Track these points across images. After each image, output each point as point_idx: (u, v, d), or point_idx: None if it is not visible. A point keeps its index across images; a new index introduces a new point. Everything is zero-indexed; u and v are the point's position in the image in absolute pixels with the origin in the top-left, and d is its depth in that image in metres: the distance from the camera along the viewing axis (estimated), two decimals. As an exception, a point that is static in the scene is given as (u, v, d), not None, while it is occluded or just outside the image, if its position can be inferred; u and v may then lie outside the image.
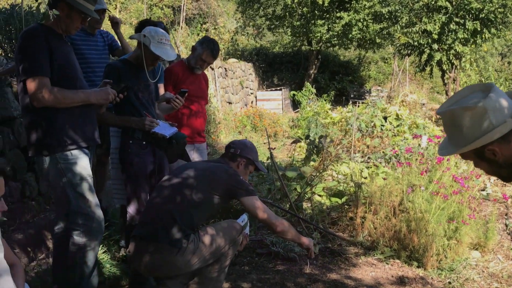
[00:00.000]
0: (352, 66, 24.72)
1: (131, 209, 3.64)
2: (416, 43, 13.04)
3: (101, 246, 4.12)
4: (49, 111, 2.96)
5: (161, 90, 4.24)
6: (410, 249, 4.46)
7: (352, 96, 21.65)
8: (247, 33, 22.18)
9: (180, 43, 14.86)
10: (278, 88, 19.09)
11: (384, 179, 4.97)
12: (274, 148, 8.36)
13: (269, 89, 19.76)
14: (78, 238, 3.08)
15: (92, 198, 3.09)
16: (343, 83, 22.70)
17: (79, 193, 3.04)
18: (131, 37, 3.74)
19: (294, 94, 17.57)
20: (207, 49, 4.33)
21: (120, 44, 4.79)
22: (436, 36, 12.67)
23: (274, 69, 24.01)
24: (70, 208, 3.04)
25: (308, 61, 21.57)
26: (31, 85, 2.88)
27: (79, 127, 3.04)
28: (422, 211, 4.41)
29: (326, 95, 17.90)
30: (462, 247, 4.52)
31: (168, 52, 3.54)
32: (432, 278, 4.17)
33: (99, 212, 3.12)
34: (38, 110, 2.96)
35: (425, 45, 12.90)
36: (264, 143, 10.26)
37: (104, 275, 3.88)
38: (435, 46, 12.76)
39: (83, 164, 3.06)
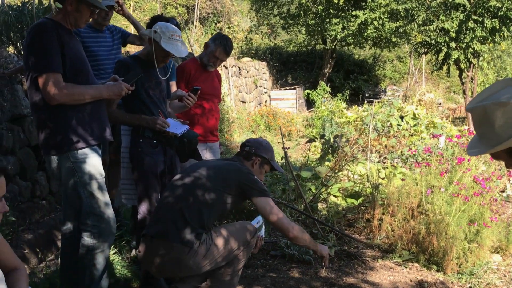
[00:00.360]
0: (367, 65, 24.47)
1: (142, 209, 3.54)
2: (433, 41, 12.80)
3: (112, 247, 4.05)
4: (56, 109, 2.86)
5: (173, 88, 4.15)
6: (429, 252, 4.31)
7: (367, 95, 21.44)
8: (261, 32, 22.06)
9: (194, 42, 14.80)
10: (292, 87, 18.95)
11: (402, 179, 4.82)
12: (289, 148, 8.24)
13: (283, 88, 19.62)
14: (88, 239, 2.99)
15: (103, 198, 2.99)
16: (358, 82, 22.48)
17: (89, 192, 2.95)
18: (141, 34, 3.64)
19: (308, 93, 17.42)
20: (220, 45, 4.23)
21: (130, 33, 4.71)
22: (453, 34, 12.42)
23: (288, 68, 23.86)
24: (82, 208, 2.95)
25: (322, 60, 21.39)
26: (43, 81, 2.78)
27: (87, 124, 2.94)
28: (442, 213, 4.25)
29: (340, 94, 17.72)
30: (483, 250, 4.35)
31: (179, 48, 3.43)
32: (452, 282, 4.02)
33: (109, 213, 3.02)
34: (46, 108, 2.88)
35: (443, 44, 12.64)
36: (278, 143, 10.15)
37: (115, 277, 3.79)
38: (453, 44, 12.51)
39: (93, 163, 2.96)
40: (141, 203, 3.58)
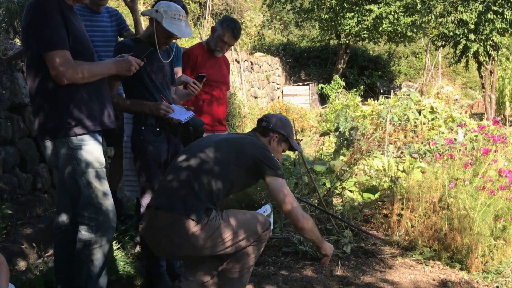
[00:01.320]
0: (382, 61, 24.11)
1: (145, 201, 3.32)
2: (451, 34, 12.42)
3: (114, 242, 3.83)
4: (53, 91, 2.65)
5: (179, 75, 3.91)
6: (452, 249, 4.03)
7: (381, 91, 21.08)
8: (274, 27, 21.79)
9: (206, 38, 14.58)
10: (306, 83, 18.67)
11: (423, 172, 4.54)
12: (301, 140, 7.98)
13: (296, 84, 19.35)
14: (85, 233, 2.76)
15: (101, 188, 2.75)
16: (372, 78, 22.15)
17: (87, 181, 2.72)
18: (142, 13, 3.39)
19: (322, 87, 17.12)
20: (228, 29, 3.99)
21: (129, 28, 4.31)
22: (472, 26, 12.02)
23: (301, 64, 23.58)
24: (80, 198, 2.73)
25: (336, 56, 21.09)
26: (51, 60, 2.56)
27: (86, 108, 2.70)
28: (467, 207, 3.97)
29: (355, 90, 17.41)
30: (510, 247, 4.05)
31: (183, 29, 3.19)
32: (477, 282, 3.74)
33: (108, 204, 2.78)
34: (42, 90, 2.67)
35: (461, 36, 12.25)
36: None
37: (118, 274, 3.58)
38: (472, 36, 12.11)
39: (91, 150, 2.72)
40: (144, 195, 3.35)
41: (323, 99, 18.08)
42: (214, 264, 2.83)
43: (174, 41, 3.45)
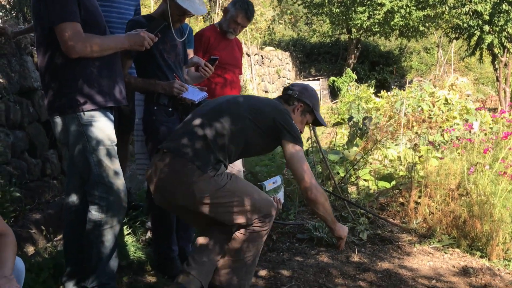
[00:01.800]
0: (393, 57, 23.89)
1: (157, 185, 3.23)
2: (465, 25, 12.21)
3: (125, 227, 3.75)
4: (63, 67, 2.57)
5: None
6: (471, 237, 3.92)
7: (393, 87, 20.87)
8: (284, 21, 21.65)
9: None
10: (316, 78, 18.54)
11: (441, 158, 4.41)
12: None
13: (306, 79, 19.22)
14: (96, 213, 2.67)
15: (112, 166, 2.65)
16: (383, 74, 21.94)
17: (97, 159, 2.63)
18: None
19: (334, 80, 16.95)
20: (241, 10, 3.89)
21: None
22: (487, 17, 11.80)
23: (312, 60, 23.43)
24: (91, 176, 2.64)
25: (347, 51, 20.91)
26: (61, 32, 2.48)
27: (96, 83, 2.61)
28: (487, 193, 3.84)
29: (366, 84, 17.24)
30: (532, 235, 3.93)
31: (197, 6, 3.09)
32: (498, 269, 3.62)
33: (119, 184, 2.68)
34: (52, 66, 2.59)
35: (475, 27, 12.05)
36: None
37: (128, 259, 3.49)
38: (486, 27, 11.90)
39: (102, 127, 2.63)
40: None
41: (334, 94, 17.93)
42: (221, 243, 2.74)
43: (186, 21, 3.36)
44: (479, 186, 3.90)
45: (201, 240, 2.78)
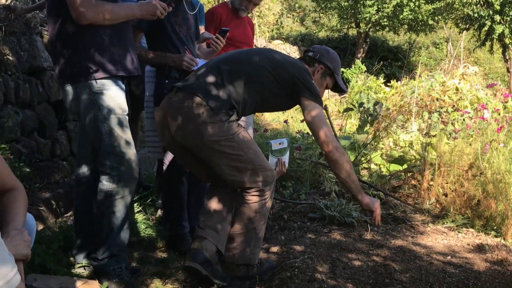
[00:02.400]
0: (401, 52, 23.71)
1: (168, 158, 3.21)
2: (475, 15, 12.09)
3: (136, 204, 3.72)
4: (73, 35, 2.54)
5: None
6: (486, 217, 3.85)
7: (402, 82, 20.75)
8: (293, 14, 21.55)
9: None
10: (325, 72, 18.42)
11: (455, 139, 4.35)
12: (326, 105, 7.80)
13: (315, 74, 19.11)
14: (107, 183, 2.63)
15: (123, 135, 2.61)
16: (392, 68, 21.78)
17: (109, 128, 2.59)
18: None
19: (342, 72, 16.81)
20: (254, -14, 3.85)
21: None
22: (498, 7, 11.67)
23: (320, 54, 23.28)
24: (102, 146, 2.61)
25: (355, 46, 20.79)
26: None
27: (106, 51, 2.58)
28: (502, 171, 3.78)
29: (375, 77, 17.13)
30: (548, 214, 3.86)
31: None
32: (513, 249, 3.55)
33: (130, 154, 2.64)
34: (62, 35, 2.56)
35: (486, 17, 11.93)
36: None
37: (139, 236, 3.47)
38: (497, 17, 11.77)
39: (113, 95, 2.59)
40: (167, 153, 3.24)
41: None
42: (230, 210, 2.73)
43: None
44: (494, 165, 3.84)
45: (211, 205, 2.74)
